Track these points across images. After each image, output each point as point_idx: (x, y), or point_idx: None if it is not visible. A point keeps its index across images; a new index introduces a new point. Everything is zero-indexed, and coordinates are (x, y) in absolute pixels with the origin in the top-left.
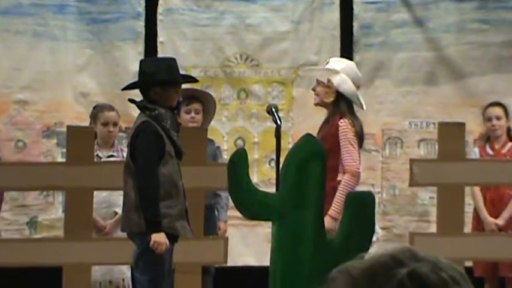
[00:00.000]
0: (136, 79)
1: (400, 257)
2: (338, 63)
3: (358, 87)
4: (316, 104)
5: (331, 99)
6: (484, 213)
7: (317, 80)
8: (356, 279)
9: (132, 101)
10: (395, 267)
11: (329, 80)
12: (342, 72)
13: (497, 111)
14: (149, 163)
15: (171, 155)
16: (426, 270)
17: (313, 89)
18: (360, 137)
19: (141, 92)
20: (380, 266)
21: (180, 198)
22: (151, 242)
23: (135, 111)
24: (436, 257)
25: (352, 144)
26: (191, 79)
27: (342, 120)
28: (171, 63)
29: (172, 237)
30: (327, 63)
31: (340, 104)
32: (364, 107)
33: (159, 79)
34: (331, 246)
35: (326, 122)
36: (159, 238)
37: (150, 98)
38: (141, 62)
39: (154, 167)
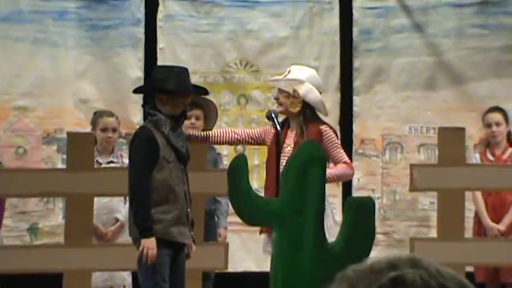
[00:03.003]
0: (137, 85)
1: (397, 262)
2: (301, 71)
3: (320, 93)
4: (281, 112)
5: (297, 109)
6: (486, 219)
7: (279, 90)
8: (352, 279)
9: (144, 106)
10: (386, 271)
11: (295, 90)
12: (306, 81)
13: (497, 117)
14: (137, 169)
15: (167, 161)
16: (414, 276)
17: (276, 98)
18: None
19: (148, 96)
20: (375, 268)
21: (179, 204)
22: (141, 247)
23: (135, 118)
24: (439, 266)
25: (340, 147)
26: (201, 90)
27: (322, 127)
28: (181, 72)
29: (171, 243)
30: (289, 72)
31: (307, 112)
32: (328, 113)
33: (164, 87)
34: (332, 252)
35: (301, 132)
36: (147, 244)
37: (155, 104)
38: (155, 67)
39: (143, 172)
